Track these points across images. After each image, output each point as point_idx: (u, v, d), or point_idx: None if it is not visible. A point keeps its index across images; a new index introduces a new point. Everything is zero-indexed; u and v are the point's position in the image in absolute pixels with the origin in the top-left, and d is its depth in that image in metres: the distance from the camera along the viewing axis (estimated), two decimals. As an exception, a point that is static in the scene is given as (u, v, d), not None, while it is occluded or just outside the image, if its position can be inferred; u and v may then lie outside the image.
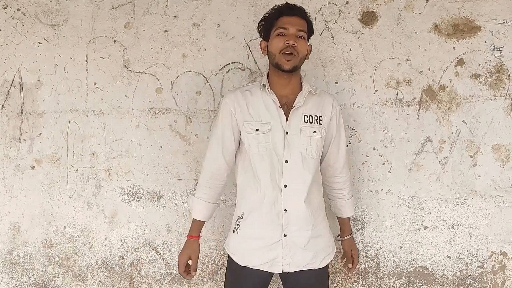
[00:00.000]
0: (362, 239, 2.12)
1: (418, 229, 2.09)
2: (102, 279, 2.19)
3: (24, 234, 2.21)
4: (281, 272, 1.68)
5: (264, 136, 1.67)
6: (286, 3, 1.72)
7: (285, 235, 1.66)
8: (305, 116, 1.70)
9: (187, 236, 1.77)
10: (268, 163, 1.66)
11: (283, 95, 1.71)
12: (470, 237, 2.08)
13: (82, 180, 2.19)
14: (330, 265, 2.11)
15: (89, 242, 2.20)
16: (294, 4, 1.71)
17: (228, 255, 1.76)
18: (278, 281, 2.07)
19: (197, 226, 1.76)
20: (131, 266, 2.19)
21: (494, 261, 2.07)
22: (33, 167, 2.20)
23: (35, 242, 2.21)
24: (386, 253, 2.11)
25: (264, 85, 1.71)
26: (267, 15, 1.71)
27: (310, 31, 1.72)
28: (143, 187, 2.17)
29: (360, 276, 2.12)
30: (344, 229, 1.92)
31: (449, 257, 2.09)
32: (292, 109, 1.69)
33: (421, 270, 2.10)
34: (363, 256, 2.12)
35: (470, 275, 2.08)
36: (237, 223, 1.71)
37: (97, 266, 2.20)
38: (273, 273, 1.71)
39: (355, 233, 2.11)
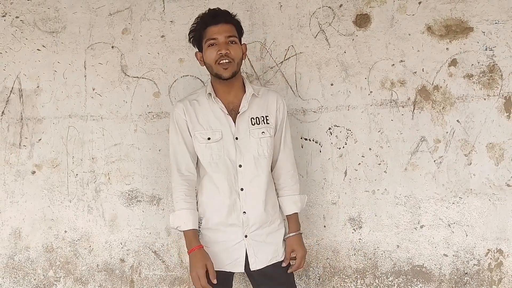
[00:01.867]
0: (360, 239, 2.14)
1: (415, 228, 2.12)
2: (103, 282, 2.21)
3: (25, 239, 2.23)
4: (243, 272, 1.75)
5: (216, 144, 1.72)
6: (209, 10, 1.72)
7: (246, 236, 1.73)
8: (252, 119, 1.75)
9: (190, 251, 1.69)
10: (223, 170, 1.72)
11: (229, 101, 1.75)
12: (466, 235, 2.10)
13: (82, 184, 2.21)
14: (328, 265, 2.15)
15: (90, 246, 2.22)
16: (218, 9, 1.71)
17: None
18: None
19: (194, 236, 1.71)
20: (131, 269, 2.21)
21: (491, 258, 2.09)
22: (34, 172, 2.22)
23: (36, 247, 2.23)
24: (384, 252, 2.13)
25: (210, 94, 1.74)
26: (194, 25, 1.73)
27: (240, 32, 1.75)
28: (142, 191, 2.19)
29: (358, 276, 2.14)
30: (288, 228, 1.84)
31: (446, 255, 2.11)
32: (238, 114, 1.73)
33: (419, 268, 2.12)
34: (360, 256, 2.14)
35: (467, 273, 2.10)
36: (198, 229, 1.75)
37: (98, 269, 2.22)
38: (233, 272, 1.78)
39: (352, 232, 2.13)
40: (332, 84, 2.14)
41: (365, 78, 2.12)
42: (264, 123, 1.76)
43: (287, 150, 1.85)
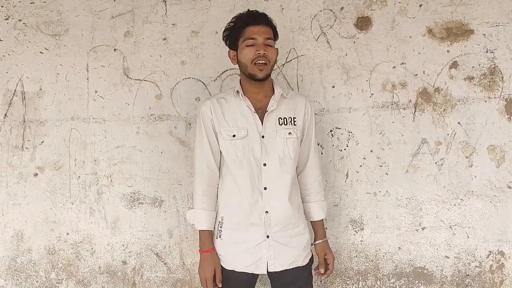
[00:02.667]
0: (361, 241, 2.14)
1: (416, 230, 2.12)
2: (105, 284, 2.22)
3: (27, 241, 2.24)
4: (265, 273, 1.72)
5: (241, 141, 1.71)
6: (249, 11, 1.73)
7: (267, 236, 1.71)
8: (279, 119, 1.75)
9: (202, 251, 1.72)
10: (246, 168, 1.71)
11: (257, 100, 1.75)
12: (468, 237, 2.10)
13: (84, 186, 2.22)
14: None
15: (92, 248, 2.22)
16: (257, 12, 1.73)
17: None
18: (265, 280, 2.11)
19: (209, 237, 1.73)
20: (133, 271, 2.22)
21: (492, 260, 2.10)
22: (36, 174, 2.23)
23: (38, 249, 2.24)
24: (385, 254, 2.14)
25: (238, 91, 1.75)
26: (231, 24, 1.73)
27: (275, 37, 1.76)
28: (144, 193, 2.20)
29: (360, 278, 2.15)
30: (316, 233, 1.86)
31: (448, 257, 2.11)
32: (266, 113, 1.73)
33: (420, 270, 2.12)
34: (362, 258, 2.14)
35: (468, 275, 2.10)
36: (219, 228, 1.75)
37: (100, 271, 2.22)
38: (258, 274, 1.74)
39: (354, 234, 2.14)
40: (333, 87, 2.15)
41: (367, 81, 2.13)
42: (292, 124, 1.75)
43: (316, 155, 1.85)
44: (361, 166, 2.14)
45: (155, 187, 2.19)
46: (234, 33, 1.72)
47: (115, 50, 2.20)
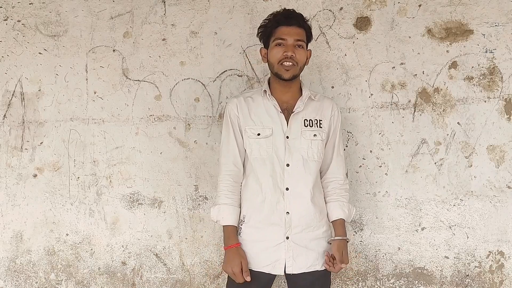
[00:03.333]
0: (361, 241, 2.14)
1: (416, 230, 2.12)
2: (105, 285, 2.21)
3: (27, 242, 2.24)
4: (283, 274, 1.70)
5: (265, 140, 1.71)
6: (284, 10, 1.73)
7: (287, 237, 1.69)
8: (305, 120, 1.75)
9: (227, 247, 1.70)
10: (269, 167, 1.71)
11: (283, 100, 1.76)
12: (467, 237, 2.10)
13: (83, 187, 2.22)
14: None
15: (91, 249, 2.22)
16: (293, 11, 1.72)
17: None
18: (280, 282, 2.11)
19: (233, 232, 1.72)
20: (133, 272, 2.21)
21: (492, 260, 2.10)
22: (35, 175, 2.23)
23: (37, 250, 2.23)
24: (385, 254, 2.14)
25: (265, 91, 1.75)
26: (266, 21, 1.74)
27: (308, 38, 1.75)
28: (144, 194, 2.20)
29: (360, 278, 2.15)
30: (335, 232, 1.79)
31: (447, 258, 2.11)
32: (292, 114, 1.73)
33: (420, 270, 2.12)
34: (362, 258, 2.14)
35: (468, 275, 2.10)
36: (240, 226, 1.74)
37: (99, 272, 2.22)
38: (275, 275, 1.72)
39: (353, 235, 2.14)
40: (332, 87, 2.14)
41: (366, 81, 2.13)
42: (317, 127, 1.75)
43: (340, 159, 1.83)
44: (360, 166, 2.14)
45: (155, 188, 2.19)
46: (267, 31, 1.73)
47: (114, 50, 2.20)
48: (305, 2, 2.14)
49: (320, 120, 1.77)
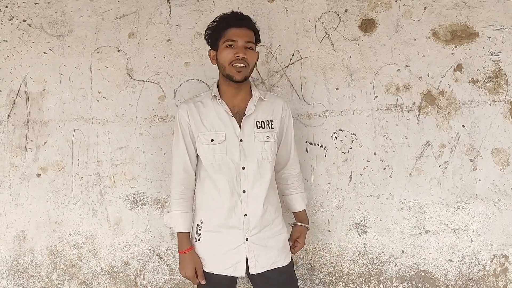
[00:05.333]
0: (365, 244, 2.14)
1: (420, 233, 2.11)
2: (107, 285, 2.21)
3: (29, 242, 2.24)
4: (244, 275, 1.73)
5: (219, 146, 1.72)
6: (233, 13, 1.73)
7: (247, 239, 1.72)
8: (257, 122, 1.76)
9: (181, 252, 1.75)
10: (225, 171, 1.72)
11: (234, 104, 1.76)
12: (472, 240, 2.09)
13: (87, 187, 2.21)
14: (333, 269, 2.14)
15: (94, 249, 2.22)
16: (241, 14, 1.72)
17: None
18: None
19: (186, 238, 1.77)
20: (135, 272, 2.21)
21: (496, 264, 2.08)
22: (39, 175, 2.23)
23: (40, 250, 2.23)
24: (389, 257, 2.13)
25: (215, 96, 1.75)
26: (214, 23, 1.73)
27: (257, 40, 1.76)
28: (147, 194, 2.20)
29: (363, 281, 2.14)
30: (299, 220, 1.95)
31: (451, 261, 2.10)
32: (244, 117, 1.74)
33: (424, 274, 2.11)
34: (365, 261, 2.13)
35: (472, 279, 2.09)
36: (198, 231, 1.76)
37: (102, 272, 2.22)
38: (237, 277, 1.76)
39: (357, 237, 2.13)
40: (337, 89, 2.14)
41: (371, 83, 2.12)
42: (269, 128, 1.77)
43: (295, 153, 1.90)
44: (364, 168, 2.13)
45: (158, 189, 2.19)
46: (216, 33, 1.72)
47: (119, 51, 2.20)
48: (310, 4, 2.14)
49: (271, 121, 1.78)
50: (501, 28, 2.06)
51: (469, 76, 2.08)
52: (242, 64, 1.66)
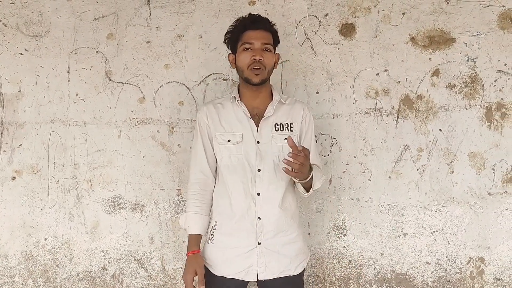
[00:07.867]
0: (344, 247, 2.14)
1: (398, 236, 2.13)
2: (84, 291, 2.17)
3: (3, 247, 2.18)
4: (256, 280, 1.69)
5: (236, 147, 1.71)
6: (250, 15, 1.73)
7: (259, 243, 1.68)
8: (276, 125, 1.74)
9: (187, 254, 1.70)
10: (240, 173, 1.70)
11: (254, 106, 1.75)
12: (449, 243, 2.12)
13: (63, 191, 2.17)
14: (312, 272, 2.14)
15: (70, 254, 2.17)
16: (259, 16, 1.72)
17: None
18: None
19: (196, 240, 1.72)
20: (113, 277, 2.17)
21: (472, 266, 2.12)
22: (14, 178, 2.17)
23: (15, 255, 2.18)
24: (368, 260, 2.14)
25: (234, 97, 1.75)
26: (232, 27, 1.73)
27: (276, 41, 1.75)
28: (126, 198, 2.16)
29: (342, 284, 2.15)
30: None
31: (429, 263, 2.13)
32: (262, 119, 1.73)
33: (402, 276, 2.13)
34: (345, 264, 2.14)
35: (449, 281, 2.12)
36: (211, 233, 1.73)
37: (79, 278, 2.17)
38: (248, 281, 1.71)
39: (337, 240, 2.14)
40: (317, 92, 2.15)
41: (350, 87, 2.14)
42: (288, 130, 1.75)
43: (314, 157, 1.76)
44: (344, 172, 2.15)
45: (137, 192, 2.16)
46: (234, 37, 1.72)
47: (97, 52, 2.17)
48: (291, 7, 2.15)
49: (291, 124, 1.76)
50: (477, 34, 2.10)
51: (446, 81, 2.11)
52: (258, 67, 1.65)
